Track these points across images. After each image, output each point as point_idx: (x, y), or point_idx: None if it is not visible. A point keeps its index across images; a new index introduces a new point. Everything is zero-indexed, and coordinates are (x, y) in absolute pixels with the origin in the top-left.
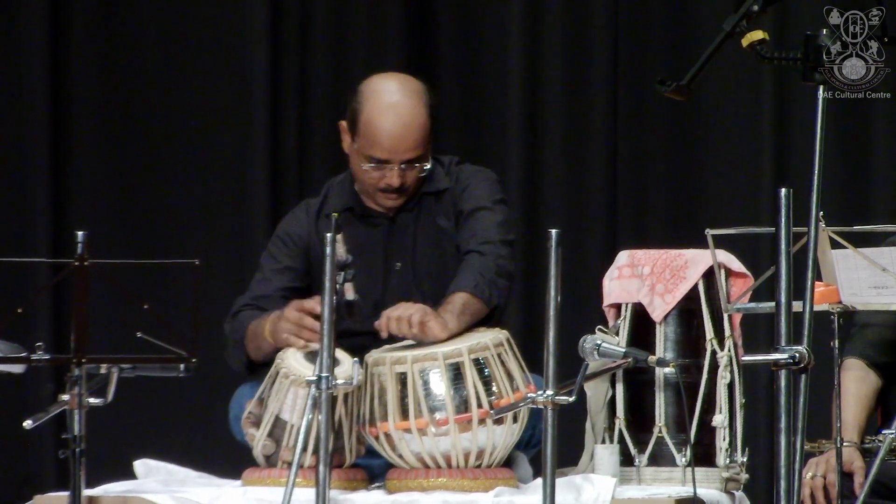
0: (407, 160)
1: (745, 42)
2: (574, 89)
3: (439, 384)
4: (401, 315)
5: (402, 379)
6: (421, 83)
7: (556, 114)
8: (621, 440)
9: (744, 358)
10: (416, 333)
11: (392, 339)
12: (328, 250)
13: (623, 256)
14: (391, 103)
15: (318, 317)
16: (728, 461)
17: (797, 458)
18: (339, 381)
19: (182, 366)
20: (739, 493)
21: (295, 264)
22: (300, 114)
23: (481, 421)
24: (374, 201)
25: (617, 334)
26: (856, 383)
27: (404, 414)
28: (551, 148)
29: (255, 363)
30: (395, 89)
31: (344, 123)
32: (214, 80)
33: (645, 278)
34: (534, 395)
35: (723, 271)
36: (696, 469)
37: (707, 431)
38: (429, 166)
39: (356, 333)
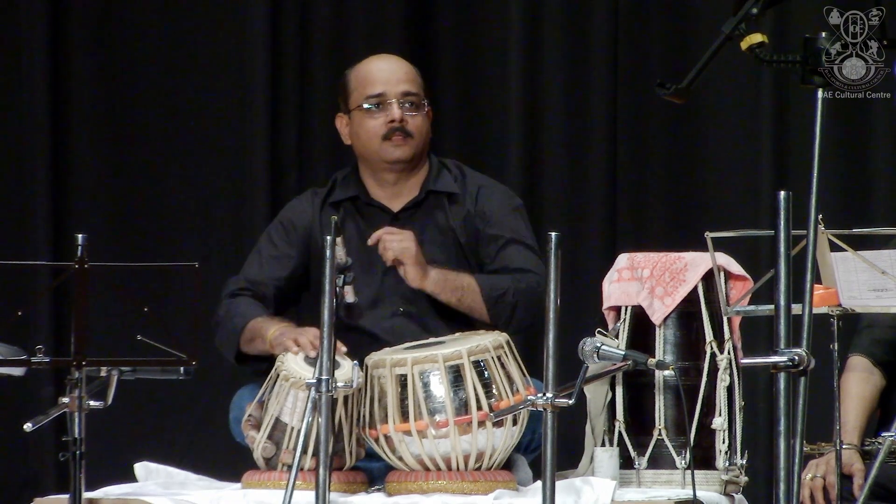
0: (403, 93)
1: (744, 45)
2: (574, 91)
3: (439, 386)
4: (386, 245)
5: (402, 381)
6: None
7: (556, 115)
8: (621, 443)
9: (743, 360)
10: (393, 263)
11: (392, 342)
12: (328, 253)
13: (623, 259)
14: (378, 55)
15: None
16: (727, 464)
17: (796, 461)
18: (339, 384)
19: (182, 368)
20: (739, 496)
21: (293, 252)
22: (300, 114)
23: (481, 423)
24: (382, 160)
25: (616, 337)
26: (859, 384)
27: (404, 416)
28: (551, 149)
29: (244, 355)
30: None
31: (339, 116)
32: (214, 80)
33: (644, 281)
34: (533, 397)
35: (722, 274)
36: (696, 471)
37: (706, 434)
38: (423, 117)
39: (353, 330)
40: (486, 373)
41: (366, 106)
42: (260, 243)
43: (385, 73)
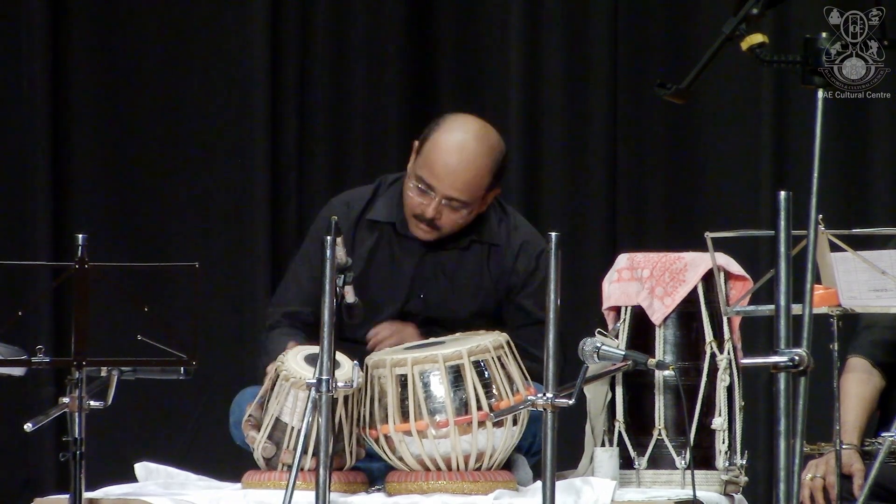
0: (449, 197)
1: (744, 45)
2: (574, 91)
3: (439, 386)
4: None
5: (403, 381)
6: (500, 139)
7: (556, 115)
8: (621, 443)
9: (743, 361)
10: None
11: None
12: (328, 253)
13: (622, 259)
14: (461, 138)
15: None
16: (727, 464)
17: (796, 461)
18: (339, 384)
19: (182, 368)
20: (738, 496)
21: None
22: (300, 114)
23: (481, 423)
24: (410, 225)
25: (616, 337)
26: (858, 385)
27: (404, 416)
28: (551, 150)
29: None
30: (473, 129)
31: (415, 143)
32: (214, 80)
33: (644, 281)
34: (533, 397)
35: (722, 274)
36: (696, 472)
37: (706, 434)
38: (467, 213)
39: (351, 341)
40: (486, 373)
41: (412, 184)
42: (296, 265)
43: (444, 171)
